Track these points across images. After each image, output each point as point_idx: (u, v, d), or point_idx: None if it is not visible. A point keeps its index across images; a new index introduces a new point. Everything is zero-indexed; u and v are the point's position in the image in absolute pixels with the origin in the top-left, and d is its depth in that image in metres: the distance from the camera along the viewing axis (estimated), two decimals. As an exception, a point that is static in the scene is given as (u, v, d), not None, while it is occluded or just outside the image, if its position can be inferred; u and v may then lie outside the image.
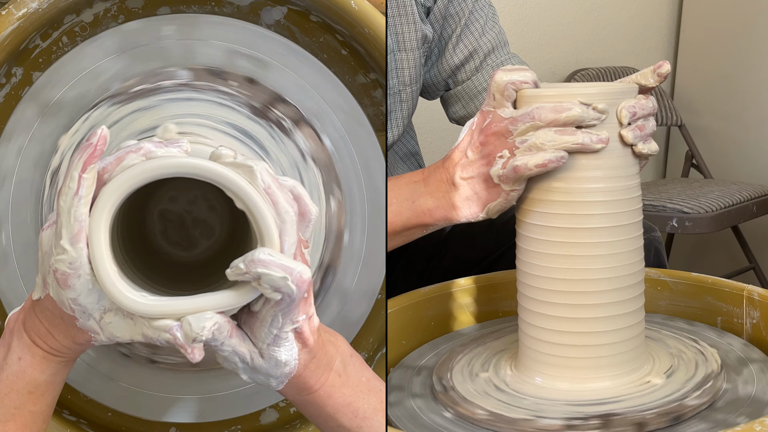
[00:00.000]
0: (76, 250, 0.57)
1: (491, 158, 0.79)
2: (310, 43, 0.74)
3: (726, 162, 2.69)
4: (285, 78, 0.74)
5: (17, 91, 0.73)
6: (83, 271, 0.58)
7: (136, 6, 0.73)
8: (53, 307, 0.61)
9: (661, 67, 0.77)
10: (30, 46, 0.72)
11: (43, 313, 0.61)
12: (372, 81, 0.75)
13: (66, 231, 0.57)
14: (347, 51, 0.74)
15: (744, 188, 2.38)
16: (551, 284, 0.75)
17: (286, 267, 0.58)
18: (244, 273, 0.57)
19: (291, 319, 0.61)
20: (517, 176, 0.77)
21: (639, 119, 0.75)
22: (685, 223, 2.18)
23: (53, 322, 0.61)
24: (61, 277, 0.58)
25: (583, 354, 0.75)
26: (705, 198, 2.26)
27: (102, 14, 0.73)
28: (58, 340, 0.62)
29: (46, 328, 0.62)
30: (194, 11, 0.73)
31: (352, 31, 0.72)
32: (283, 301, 0.59)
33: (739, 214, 2.29)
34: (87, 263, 0.58)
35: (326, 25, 0.74)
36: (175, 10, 0.73)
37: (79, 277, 0.58)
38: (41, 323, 0.62)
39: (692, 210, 2.19)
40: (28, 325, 0.62)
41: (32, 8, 0.69)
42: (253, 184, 0.59)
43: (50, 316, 0.61)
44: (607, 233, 0.74)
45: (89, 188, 0.57)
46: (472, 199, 0.82)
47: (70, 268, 0.58)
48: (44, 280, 0.61)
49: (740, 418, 0.69)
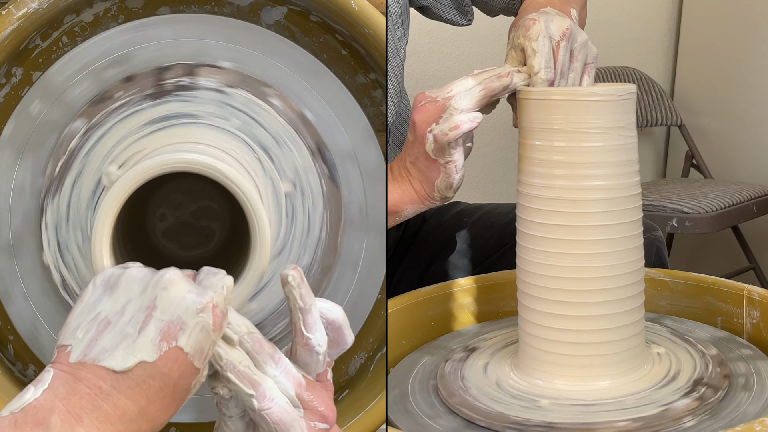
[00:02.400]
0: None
1: (424, 136, 0.81)
2: (310, 43, 0.74)
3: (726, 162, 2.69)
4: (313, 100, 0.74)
5: (17, 91, 0.73)
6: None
7: (136, 6, 0.73)
8: (171, 370, 0.53)
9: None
10: (30, 46, 0.72)
11: (140, 387, 0.52)
12: (372, 81, 0.75)
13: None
14: (347, 51, 0.74)
15: (744, 188, 2.37)
16: (551, 282, 0.75)
17: (254, 382, 0.56)
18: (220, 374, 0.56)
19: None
20: (439, 145, 0.80)
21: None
22: (685, 223, 2.18)
23: (159, 395, 0.53)
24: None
25: (583, 351, 0.75)
26: (705, 198, 2.25)
27: (102, 14, 0.73)
28: (154, 422, 0.53)
29: (139, 408, 0.52)
30: (194, 11, 0.73)
31: (352, 31, 0.72)
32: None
33: (739, 214, 2.29)
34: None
35: (326, 25, 0.74)
36: (175, 9, 0.73)
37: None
38: (131, 403, 0.52)
39: (692, 210, 2.18)
40: (93, 413, 0.51)
41: (32, 8, 0.69)
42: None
43: (156, 389, 0.53)
44: (608, 231, 0.74)
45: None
46: (422, 180, 0.84)
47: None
48: (166, 332, 0.53)
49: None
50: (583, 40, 0.83)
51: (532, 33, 0.81)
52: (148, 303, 0.54)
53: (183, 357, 0.53)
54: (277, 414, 0.56)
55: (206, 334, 0.54)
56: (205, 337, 0.54)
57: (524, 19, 0.82)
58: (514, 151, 1.82)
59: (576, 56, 0.83)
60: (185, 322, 0.53)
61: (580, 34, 0.83)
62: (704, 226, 2.19)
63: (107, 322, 0.54)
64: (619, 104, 0.75)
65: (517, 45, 0.83)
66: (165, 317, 0.54)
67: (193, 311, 0.54)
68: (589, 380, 0.75)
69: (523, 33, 0.82)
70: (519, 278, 0.79)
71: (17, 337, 0.74)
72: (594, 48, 0.85)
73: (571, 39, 0.82)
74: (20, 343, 0.74)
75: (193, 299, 0.54)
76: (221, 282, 0.57)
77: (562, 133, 0.74)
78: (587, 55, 0.84)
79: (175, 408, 0.54)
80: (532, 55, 0.80)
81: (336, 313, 0.61)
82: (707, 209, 2.19)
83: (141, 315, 0.54)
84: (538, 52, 0.80)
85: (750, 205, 2.32)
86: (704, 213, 2.18)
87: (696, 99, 2.78)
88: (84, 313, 0.55)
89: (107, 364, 0.52)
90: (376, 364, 0.76)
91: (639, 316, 0.77)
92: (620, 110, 0.75)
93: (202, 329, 0.54)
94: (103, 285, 0.57)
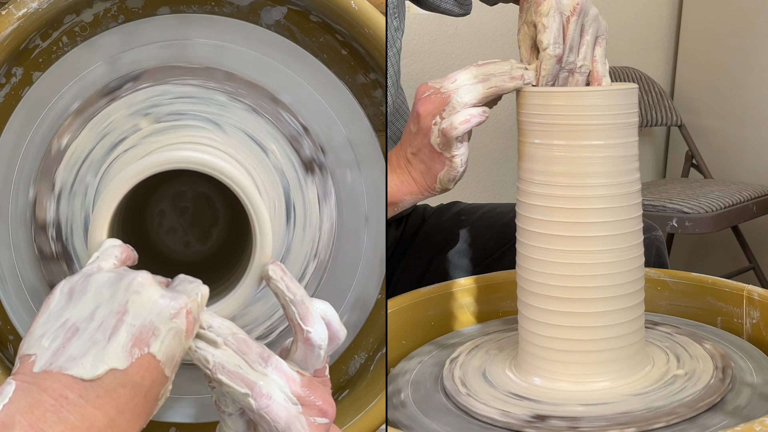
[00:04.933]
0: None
1: (428, 128, 0.81)
2: (310, 43, 0.74)
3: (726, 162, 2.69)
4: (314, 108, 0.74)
5: (17, 91, 0.73)
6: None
7: (136, 6, 0.73)
8: (143, 378, 0.51)
9: None
10: (30, 46, 0.72)
11: (110, 396, 0.50)
12: (372, 81, 0.75)
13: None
14: (347, 51, 0.74)
15: (744, 188, 2.37)
16: (551, 281, 0.76)
17: (249, 381, 0.55)
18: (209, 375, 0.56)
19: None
20: (447, 139, 0.80)
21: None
22: (685, 223, 2.18)
23: (129, 405, 0.50)
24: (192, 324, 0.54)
25: (583, 350, 0.75)
26: (705, 198, 2.26)
27: (102, 14, 0.73)
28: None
29: (108, 419, 0.49)
30: (194, 11, 0.73)
31: (352, 31, 0.72)
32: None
33: (739, 214, 2.29)
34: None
35: (326, 25, 0.74)
36: (175, 9, 0.73)
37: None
38: (100, 413, 0.49)
39: (692, 210, 2.19)
40: (58, 425, 0.48)
41: (32, 8, 0.69)
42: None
43: (126, 398, 0.50)
44: (608, 230, 0.74)
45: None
46: (424, 172, 0.84)
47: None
48: (138, 338, 0.51)
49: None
50: (594, 14, 0.83)
51: (543, 8, 0.81)
52: (118, 307, 0.52)
53: (155, 364, 0.51)
54: (276, 411, 0.55)
55: (179, 340, 0.53)
56: (177, 344, 0.52)
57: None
58: (514, 150, 1.82)
59: (587, 30, 0.83)
60: (158, 327, 0.52)
61: (591, 8, 0.83)
62: (704, 226, 2.19)
63: (75, 329, 0.51)
64: (620, 103, 0.75)
65: (529, 21, 0.83)
66: (137, 322, 0.51)
67: (166, 316, 0.52)
68: (589, 380, 0.75)
69: (534, 9, 0.82)
70: (519, 277, 0.79)
71: (17, 337, 0.74)
72: (605, 22, 0.85)
73: (582, 13, 0.82)
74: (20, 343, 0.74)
75: (167, 303, 0.53)
76: (196, 290, 0.55)
77: (562, 131, 0.74)
78: (598, 28, 0.84)
79: (144, 420, 0.52)
80: (543, 31, 0.81)
81: (323, 308, 0.60)
82: (707, 209, 2.19)
83: (111, 320, 0.51)
84: (548, 27, 0.80)
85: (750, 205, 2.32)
86: (704, 213, 2.18)
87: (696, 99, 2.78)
88: (50, 321, 0.52)
89: (75, 372, 0.49)
90: (376, 364, 0.76)
91: (639, 316, 0.77)
92: (621, 109, 0.75)
93: (175, 335, 0.52)
94: (70, 291, 0.54)
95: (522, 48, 0.84)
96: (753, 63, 2.61)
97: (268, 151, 0.72)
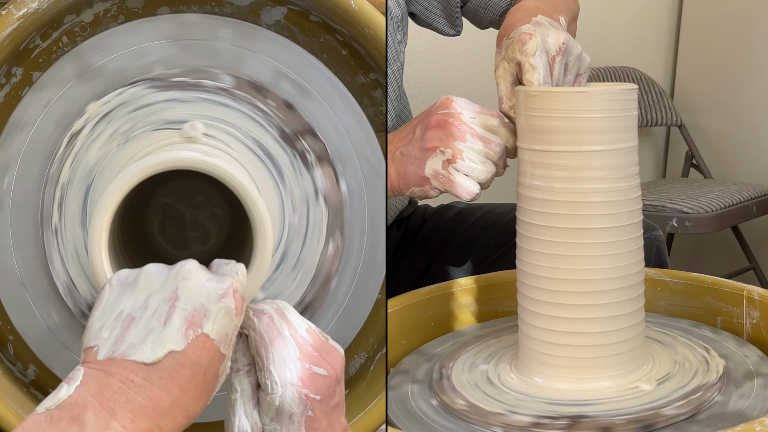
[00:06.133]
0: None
1: (433, 149, 0.82)
2: (310, 43, 0.74)
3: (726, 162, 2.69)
4: (321, 113, 0.74)
5: (17, 91, 0.73)
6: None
7: (136, 6, 0.73)
8: (200, 357, 0.54)
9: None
10: (30, 46, 0.72)
11: (171, 377, 0.53)
12: (372, 81, 0.75)
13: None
14: (347, 51, 0.74)
15: (744, 188, 2.37)
16: (551, 284, 0.75)
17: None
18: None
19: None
20: (438, 183, 0.83)
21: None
22: (685, 223, 2.18)
23: (191, 383, 0.53)
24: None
25: (583, 354, 0.75)
26: (705, 198, 2.25)
27: (102, 14, 0.73)
28: (188, 411, 0.53)
29: (173, 398, 0.53)
30: (194, 11, 0.73)
31: (352, 31, 0.72)
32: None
33: (739, 214, 2.29)
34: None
35: (326, 25, 0.74)
36: (175, 10, 0.73)
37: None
38: (164, 393, 0.52)
39: (692, 210, 2.18)
40: (127, 406, 0.51)
41: (32, 8, 0.69)
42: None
43: (187, 377, 0.53)
44: (608, 233, 0.74)
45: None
46: (402, 176, 0.85)
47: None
48: (191, 320, 0.54)
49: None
50: (577, 53, 0.83)
51: (529, 48, 0.80)
52: (170, 294, 0.56)
53: (210, 343, 0.54)
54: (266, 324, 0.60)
55: (229, 318, 0.56)
56: (229, 322, 0.56)
57: (520, 33, 0.82)
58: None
59: (570, 69, 0.83)
60: (208, 308, 0.55)
61: (575, 46, 0.83)
62: (704, 226, 2.19)
63: (131, 319, 0.55)
64: (620, 104, 0.74)
65: (510, 58, 0.82)
66: (188, 306, 0.55)
67: (215, 297, 0.56)
68: (589, 381, 0.75)
69: (519, 47, 0.81)
70: (519, 279, 0.79)
71: (17, 337, 0.74)
72: (587, 58, 0.85)
73: (567, 53, 0.82)
74: (20, 343, 0.74)
75: (214, 286, 0.56)
76: (235, 269, 0.59)
77: (562, 134, 0.74)
78: (580, 67, 0.84)
79: (207, 397, 0.55)
80: (531, 71, 0.80)
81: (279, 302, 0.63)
82: (707, 209, 2.19)
83: (165, 307, 0.55)
84: (536, 68, 0.80)
85: (750, 205, 2.32)
86: (704, 213, 2.18)
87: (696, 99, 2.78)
88: (106, 314, 0.56)
89: (137, 357, 0.53)
90: (376, 364, 0.76)
91: (639, 317, 0.77)
92: (621, 110, 0.75)
93: (225, 314, 0.55)
94: (121, 284, 0.58)
95: (501, 85, 0.84)
96: (753, 63, 2.61)
97: (268, 150, 0.72)
